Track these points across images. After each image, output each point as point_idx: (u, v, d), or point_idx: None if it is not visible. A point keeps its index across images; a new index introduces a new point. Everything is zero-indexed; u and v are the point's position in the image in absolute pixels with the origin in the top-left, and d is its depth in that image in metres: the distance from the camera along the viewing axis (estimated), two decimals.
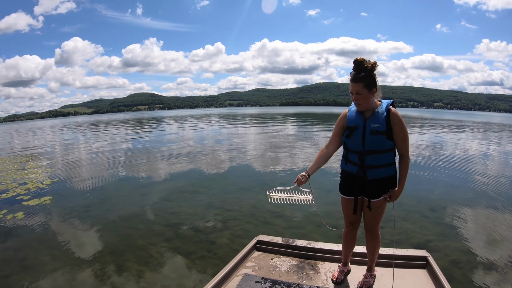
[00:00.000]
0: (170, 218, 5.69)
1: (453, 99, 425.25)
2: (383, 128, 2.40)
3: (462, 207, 6.01)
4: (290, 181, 2.69)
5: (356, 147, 2.51)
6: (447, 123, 35.36)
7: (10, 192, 7.75)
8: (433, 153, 12.45)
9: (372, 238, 2.71)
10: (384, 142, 2.42)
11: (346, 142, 2.57)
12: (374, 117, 2.44)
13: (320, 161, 2.67)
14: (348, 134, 2.53)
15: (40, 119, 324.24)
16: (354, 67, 2.40)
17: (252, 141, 17.36)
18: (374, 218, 2.62)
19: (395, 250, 3.05)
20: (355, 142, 2.51)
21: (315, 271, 3.01)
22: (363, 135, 2.46)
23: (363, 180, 2.53)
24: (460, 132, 23.11)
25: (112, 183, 8.51)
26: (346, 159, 2.63)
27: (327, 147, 2.68)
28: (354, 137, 2.50)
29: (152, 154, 13.49)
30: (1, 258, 4.45)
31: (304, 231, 4.92)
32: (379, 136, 2.41)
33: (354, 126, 2.50)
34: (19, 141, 26.26)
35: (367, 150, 2.46)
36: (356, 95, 2.40)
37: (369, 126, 2.44)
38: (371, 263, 2.82)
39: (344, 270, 2.92)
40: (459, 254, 4.18)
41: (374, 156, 2.46)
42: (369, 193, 2.54)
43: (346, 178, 2.66)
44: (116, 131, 31.53)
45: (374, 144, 2.44)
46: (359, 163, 2.52)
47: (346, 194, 2.69)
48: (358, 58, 2.38)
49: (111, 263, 4.15)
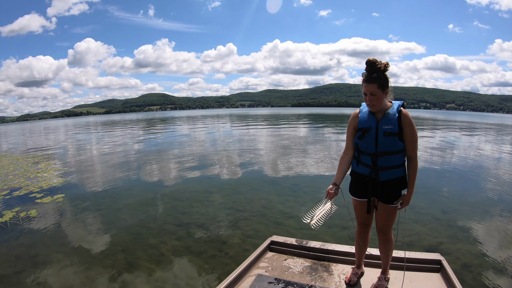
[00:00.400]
0: (182, 218, 5.69)
1: (466, 100, 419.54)
2: (396, 130, 2.39)
3: (474, 209, 5.91)
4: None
5: (369, 148, 2.49)
6: (459, 125, 34.87)
7: (23, 190, 7.86)
8: (445, 155, 12.28)
9: (385, 241, 2.67)
10: (396, 143, 2.40)
11: (358, 143, 2.54)
12: (386, 118, 2.43)
13: (345, 168, 2.65)
14: (361, 135, 2.50)
15: (53, 119, 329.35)
16: (366, 68, 2.38)
17: (264, 142, 17.32)
18: (386, 221, 2.59)
19: (409, 253, 3.04)
20: (367, 144, 2.48)
21: (328, 273, 2.98)
22: (376, 137, 2.45)
23: (376, 182, 2.51)
24: (473, 134, 22.74)
25: (124, 182, 8.56)
26: (357, 160, 2.60)
27: (347, 152, 2.65)
28: (367, 138, 2.48)
29: (164, 154, 13.56)
30: (14, 254, 4.50)
31: (315, 232, 4.86)
32: (391, 137, 2.40)
33: (366, 127, 2.48)
34: (32, 140, 26.67)
35: (380, 151, 2.45)
36: (370, 96, 2.38)
37: (382, 127, 2.42)
38: (386, 265, 2.78)
39: (357, 273, 2.88)
40: (470, 257, 4.10)
41: (386, 157, 2.45)
42: (380, 194, 2.52)
43: (357, 180, 2.63)
44: (128, 131, 31.86)
45: (386, 146, 2.42)
46: (372, 165, 2.50)
47: (358, 196, 2.66)
48: (370, 59, 2.36)
49: (123, 261, 4.16)
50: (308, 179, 8.20)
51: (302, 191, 7.17)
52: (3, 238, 5.06)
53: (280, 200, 6.50)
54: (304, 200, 6.45)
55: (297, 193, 6.99)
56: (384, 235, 2.65)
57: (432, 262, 2.98)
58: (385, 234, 2.64)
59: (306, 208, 5.83)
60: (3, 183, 8.84)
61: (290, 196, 6.76)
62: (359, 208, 2.69)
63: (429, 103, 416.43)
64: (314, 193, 6.99)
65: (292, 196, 6.80)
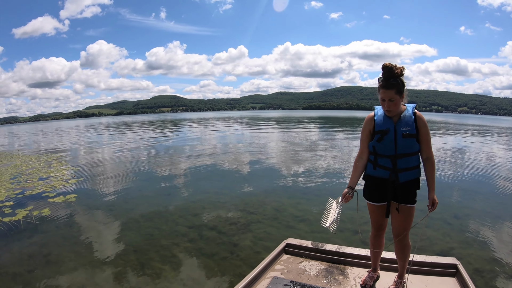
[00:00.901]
0: (194, 219, 5.68)
1: (478, 104, 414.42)
2: (413, 132, 2.43)
3: (486, 214, 5.81)
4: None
5: (388, 151, 2.49)
6: (471, 128, 34.40)
7: (36, 189, 7.95)
8: (457, 159, 12.11)
9: (403, 246, 2.64)
10: (414, 145, 2.44)
11: (376, 146, 2.53)
12: (403, 121, 2.46)
13: (360, 172, 2.64)
14: (380, 138, 2.50)
15: (65, 120, 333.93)
16: (383, 74, 2.38)
17: (275, 144, 17.32)
18: (404, 224, 2.57)
19: (425, 257, 3.03)
20: (386, 146, 2.49)
21: (344, 276, 2.96)
22: (394, 139, 2.46)
23: (395, 184, 2.49)
24: (485, 138, 22.36)
25: (136, 183, 8.61)
26: (374, 164, 2.58)
27: (361, 156, 2.64)
28: (386, 141, 2.48)
29: (176, 156, 13.64)
30: (26, 253, 4.54)
31: (327, 235, 4.82)
32: (410, 139, 2.43)
33: (385, 130, 2.49)
34: (45, 141, 27.06)
35: (399, 153, 2.46)
36: (388, 102, 2.40)
37: (400, 129, 2.44)
38: (402, 269, 2.75)
39: (373, 276, 2.86)
40: (482, 263, 4.04)
41: (405, 159, 2.47)
42: (400, 196, 2.51)
43: (375, 184, 2.60)
44: (139, 132, 32.14)
45: (405, 147, 2.45)
46: (392, 167, 2.49)
47: (375, 201, 2.63)
48: (387, 64, 2.36)
49: (135, 261, 4.16)
50: (319, 182, 8.14)
51: (314, 194, 7.11)
52: (16, 237, 5.12)
53: (291, 203, 6.45)
54: (316, 203, 6.39)
55: (309, 196, 6.93)
56: (401, 240, 2.61)
57: (448, 266, 2.95)
58: (402, 238, 2.60)
59: (318, 211, 5.83)
60: (17, 182, 8.95)
61: (302, 199, 6.70)
62: (375, 212, 2.66)
63: (441, 106, 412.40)
64: (326, 196, 6.85)
65: (304, 199, 6.74)
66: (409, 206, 2.52)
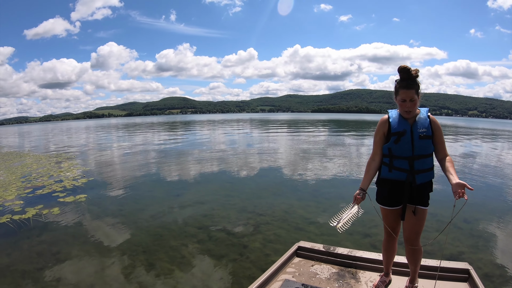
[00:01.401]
0: (203, 221, 5.66)
1: (488, 107, 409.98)
2: (429, 133, 2.45)
3: (496, 219, 5.73)
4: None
5: (405, 152, 2.48)
6: (481, 132, 34.05)
7: (46, 189, 8.01)
8: (466, 163, 11.92)
9: (414, 250, 2.62)
10: (430, 146, 2.47)
11: (393, 148, 2.52)
12: (419, 122, 2.48)
13: (372, 174, 2.64)
14: (396, 139, 2.50)
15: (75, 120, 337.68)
16: (402, 75, 2.43)
17: (284, 146, 17.27)
18: (416, 228, 2.56)
19: (437, 261, 3.00)
20: (403, 148, 2.48)
21: (355, 280, 2.94)
22: (411, 140, 2.46)
23: (412, 186, 2.48)
24: (495, 142, 22.08)
25: (146, 184, 8.62)
26: (390, 167, 2.56)
27: (374, 158, 2.64)
28: (403, 142, 2.48)
29: (185, 157, 13.68)
30: (36, 251, 4.57)
31: (336, 238, 4.77)
32: (426, 140, 2.45)
33: (402, 131, 2.49)
34: (55, 141, 27.36)
35: (416, 155, 2.46)
36: (409, 102, 2.42)
37: (417, 131, 2.46)
38: (414, 274, 2.73)
39: (385, 281, 2.84)
40: (492, 268, 3.99)
41: (422, 160, 2.47)
42: (415, 198, 2.51)
43: (390, 187, 2.58)
44: (149, 133, 32.35)
45: (422, 149, 2.46)
46: (409, 168, 2.48)
47: (389, 205, 2.60)
48: (404, 66, 2.41)
49: (144, 261, 4.16)
50: (329, 185, 8.08)
51: (324, 197, 7.05)
52: (26, 235, 5.15)
53: (301, 205, 6.40)
54: (326, 206, 6.34)
55: (319, 199, 6.88)
56: (413, 243, 2.59)
57: (460, 271, 2.93)
58: (414, 241, 2.58)
59: (328, 214, 5.75)
60: (27, 181, 9.04)
61: (312, 202, 6.65)
62: (389, 217, 2.65)
63: (451, 110, 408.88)
64: (335, 198, 6.87)
65: (314, 201, 6.69)
66: (423, 208, 2.51)
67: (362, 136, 24.78)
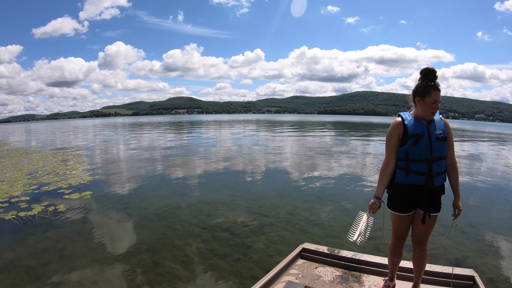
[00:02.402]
0: (207, 220, 5.66)
1: (496, 111, 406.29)
2: (446, 135, 2.45)
3: (502, 224, 5.70)
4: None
5: (423, 155, 2.41)
6: (488, 136, 33.75)
7: (52, 186, 8.07)
8: (472, 167, 11.82)
9: (421, 253, 2.60)
10: (446, 148, 2.45)
11: (410, 151, 2.42)
12: (435, 124, 2.45)
13: (387, 180, 2.52)
14: (415, 142, 2.42)
15: (82, 118, 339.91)
16: (430, 76, 2.42)
17: (290, 148, 17.24)
18: (426, 232, 2.54)
19: (441, 267, 2.99)
20: (422, 150, 2.41)
21: (359, 284, 2.91)
22: (429, 142, 2.42)
23: (430, 189, 2.43)
24: (502, 146, 21.86)
25: (151, 183, 8.64)
26: (407, 170, 2.45)
27: (388, 164, 2.51)
28: (421, 144, 2.41)
29: (191, 156, 13.73)
30: (41, 247, 4.60)
31: (340, 241, 4.76)
32: (443, 142, 2.43)
33: (420, 133, 2.42)
34: (61, 138, 27.55)
35: (434, 157, 2.42)
36: (437, 103, 2.41)
37: (434, 132, 2.43)
38: (418, 278, 2.71)
39: (389, 285, 2.81)
40: (497, 273, 3.96)
41: (439, 162, 2.44)
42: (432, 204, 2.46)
43: (406, 192, 2.48)
44: (155, 132, 32.47)
45: (440, 151, 2.43)
46: (428, 171, 2.41)
47: (404, 211, 2.52)
48: (429, 68, 2.42)
49: (148, 260, 4.16)
50: (334, 187, 8.05)
51: (329, 199, 7.01)
52: (31, 231, 5.19)
53: (306, 207, 6.37)
54: (331, 208, 6.31)
55: (323, 201, 6.84)
56: (421, 246, 2.58)
57: (465, 278, 2.89)
58: (422, 245, 2.58)
59: (332, 216, 5.75)
60: (33, 178, 9.10)
61: (316, 204, 6.62)
62: (400, 223, 2.57)
63: (458, 113, 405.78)
64: (340, 201, 6.84)
65: (318, 203, 6.65)
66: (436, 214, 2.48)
67: (368, 138, 24.67)
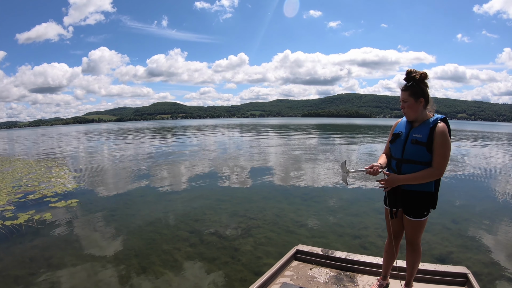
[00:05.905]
0: (195, 225, 5.70)
1: (477, 110, 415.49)
2: (424, 139, 2.37)
3: (484, 219, 5.88)
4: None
5: (397, 154, 2.55)
6: (470, 135, 34.49)
7: (38, 194, 7.97)
8: (455, 164, 12.12)
9: (412, 252, 2.65)
10: (423, 153, 2.38)
11: (391, 148, 2.62)
12: (419, 128, 2.45)
13: (382, 158, 2.69)
14: (392, 140, 2.59)
15: (65, 125, 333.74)
16: (404, 77, 2.49)
17: (275, 151, 17.33)
18: (413, 231, 2.58)
19: (435, 265, 3.04)
20: (396, 149, 2.55)
21: (353, 284, 2.96)
22: (404, 143, 2.50)
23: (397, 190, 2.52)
24: (484, 144, 22.48)
25: (137, 189, 8.62)
26: (389, 165, 2.66)
27: (384, 152, 2.78)
28: (397, 143, 2.55)
29: (176, 162, 13.66)
30: (28, 256, 4.57)
31: (327, 240, 4.87)
32: (418, 146, 2.40)
33: (398, 133, 2.57)
34: (45, 145, 27.06)
35: (405, 158, 2.48)
36: (402, 103, 2.48)
37: (412, 135, 2.46)
38: (410, 277, 2.76)
39: (383, 284, 2.87)
40: (481, 267, 4.09)
41: (410, 165, 2.44)
42: (404, 206, 2.54)
43: None
44: (140, 139, 32.12)
45: (412, 154, 2.44)
46: (396, 170, 2.53)
47: (387, 204, 2.66)
48: (409, 69, 2.47)
49: (136, 265, 4.19)
50: (319, 189, 8.18)
51: (313, 200, 7.14)
52: (18, 240, 5.14)
53: (291, 208, 6.48)
54: (316, 209, 6.43)
55: (308, 202, 6.96)
56: (411, 245, 2.63)
57: (458, 276, 2.94)
58: (412, 244, 2.63)
59: (318, 218, 5.85)
60: (18, 186, 8.97)
61: (302, 205, 6.73)
62: (387, 216, 2.69)
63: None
64: (325, 202, 6.97)
65: (304, 205, 6.77)
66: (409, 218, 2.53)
67: (352, 139, 24.99)
